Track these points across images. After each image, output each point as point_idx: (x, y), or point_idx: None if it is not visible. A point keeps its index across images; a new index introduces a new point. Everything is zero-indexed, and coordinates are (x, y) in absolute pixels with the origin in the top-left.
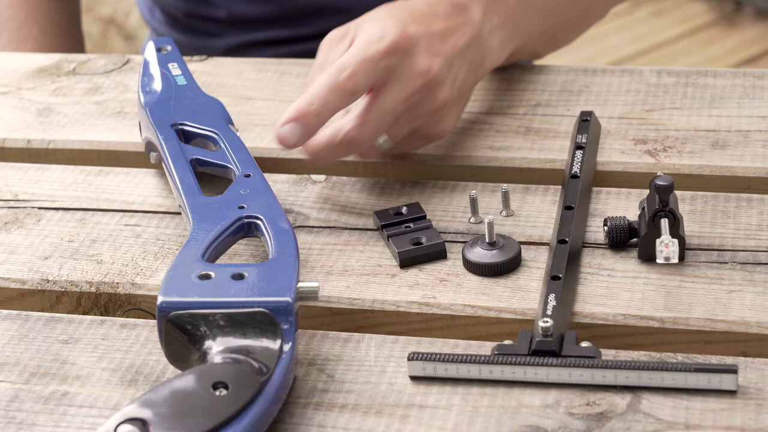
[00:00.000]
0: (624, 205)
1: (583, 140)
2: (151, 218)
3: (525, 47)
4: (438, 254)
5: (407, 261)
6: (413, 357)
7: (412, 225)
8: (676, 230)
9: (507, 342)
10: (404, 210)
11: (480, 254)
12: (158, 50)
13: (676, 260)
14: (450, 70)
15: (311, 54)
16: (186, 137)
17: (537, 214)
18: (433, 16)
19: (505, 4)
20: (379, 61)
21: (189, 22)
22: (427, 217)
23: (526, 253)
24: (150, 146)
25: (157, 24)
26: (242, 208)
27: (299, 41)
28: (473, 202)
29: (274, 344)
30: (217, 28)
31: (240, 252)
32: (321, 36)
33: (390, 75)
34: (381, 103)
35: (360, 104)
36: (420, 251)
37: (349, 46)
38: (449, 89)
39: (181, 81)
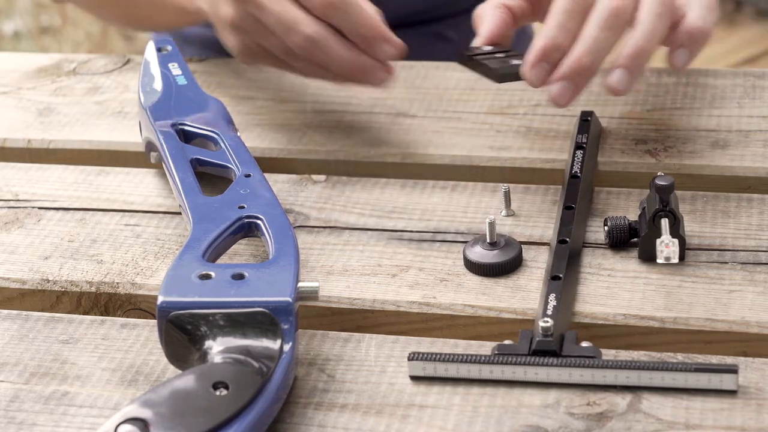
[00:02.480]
0: (624, 205)
1: (584, 140)
2: (151, 218)
3: None
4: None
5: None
6: (413, 357)
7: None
8: (676, 230)
9: (507, 342)
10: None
11: (481, 254)
12: (158, 50)
13: (676, 260)
14: None
15: None
16: (186, 137)
17: (537, 214)
18: None
19: None
20: None
21: None
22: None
23: (527, 253)
24: (150, 146)
25: None
26: (242, 208)
27: None
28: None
29: (275, 344)
30: None
31: (240, 252)
32: None
33: None
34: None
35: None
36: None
37: None
38: None
39: (182, 81)
